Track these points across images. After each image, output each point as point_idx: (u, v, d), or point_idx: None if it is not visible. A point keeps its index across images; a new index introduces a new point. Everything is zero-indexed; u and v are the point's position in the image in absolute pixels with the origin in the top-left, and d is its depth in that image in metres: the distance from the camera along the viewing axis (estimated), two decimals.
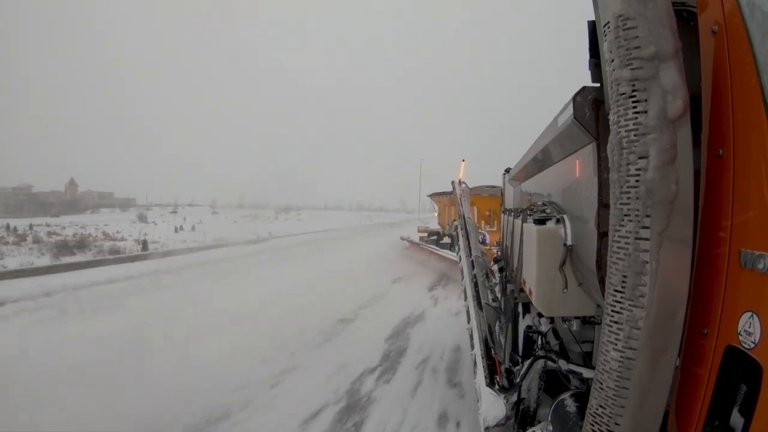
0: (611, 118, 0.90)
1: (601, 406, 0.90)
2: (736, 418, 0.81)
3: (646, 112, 0.82)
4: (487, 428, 1.86)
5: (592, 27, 1.10)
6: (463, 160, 7.49)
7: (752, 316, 0.76)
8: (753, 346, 0.75)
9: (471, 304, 3.13)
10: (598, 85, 1.13)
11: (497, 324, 3.10)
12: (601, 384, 0.90)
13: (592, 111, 1.14)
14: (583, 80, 1.18)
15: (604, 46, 0.91)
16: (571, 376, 1.76)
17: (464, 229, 4.42)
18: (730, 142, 0.86)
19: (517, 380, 1.95)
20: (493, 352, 2.40)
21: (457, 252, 4.65)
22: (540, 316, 2.00)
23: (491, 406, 1.90)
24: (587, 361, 1.78)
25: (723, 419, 0.83)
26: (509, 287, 2.91)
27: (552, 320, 1.97)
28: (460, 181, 6.07)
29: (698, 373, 0.89)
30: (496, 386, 2.04)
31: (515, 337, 2.64)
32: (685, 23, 1.00)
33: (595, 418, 0.92)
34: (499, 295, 3.64)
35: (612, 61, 0.88)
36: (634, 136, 0.83)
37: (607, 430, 0.88)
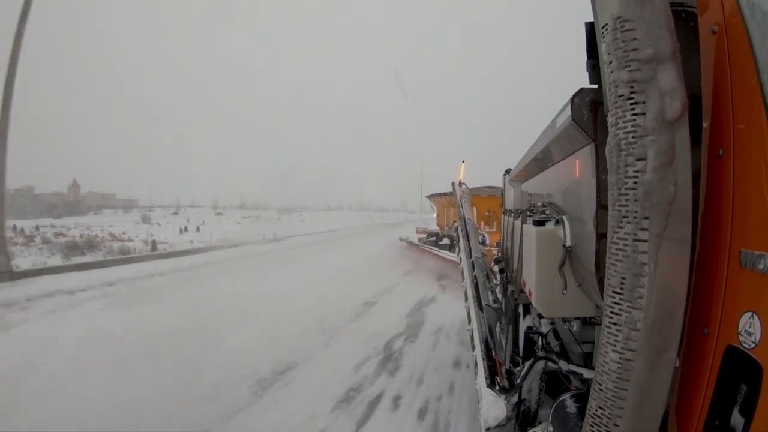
0: (609, 119, 0.90)
1: (600, 407, 0.90)
2: (737, 419, 0.80)
3: (644, 114, 0.82)
4: (488, 429, 1.85)
5: (590, 28, 1.10)
6: (463, 161, 7.48)
7: (752, 316, 0.76)
8: (753, 346, 0.75)
9: (471, 305, 3.13)
10: (596, 86, 1.13)
11: (498, 325, 3.10)
12: (601, 385, 0.90)
13: (590, 112, 1.14)
14: (581, 81, 1.18)
15: (602, 48, 0.91)
16: (571, 377, 1.75)
17: (464, 230, 4.42)
18: (730, 142, 0.86)
19: (518, 381, 1.95)
20: (493, 353, 2.40)
21: (458, 253, 4.66)
22: (540, 317, 2.00)
23: (492, 407, 1.90)
24: (588, 361, 1.78)
25: (723, 419, 0.83)
26: (510, 288, 2.90)
27: (552, 321, 1.97)
28: (460, 182, 6.06)
29: (698, 373, 0.89)
30: (497, 387, 2.04)
31: (516, 338, 2.64)
32: (684, 24, 1.00)
33: (594, 419, 0.92)
34: (499, 296, 3.64)
35: (610, 63, 0.88)
36: (632, 137, 0.83)
37: (607, 431, 0.88)
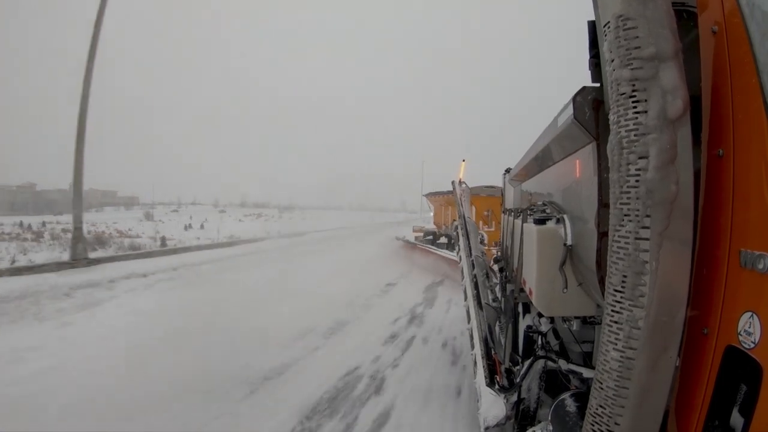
0: (611, 118, 0.90)
1: (601, 406, 0.90)
2: (736, 418, 0.81)
3: (646, 112, 0.82)
4: (487, 428, 1.86)
5: (592, 27, 1.10)
6: (464, 160, 7.48)
7: (752, 316, 0.76)
8: (753, 346, 0.75)
9: (471, 304, 3.13)
10: (598, 85, 1.13)
11: (497, 324, 3.10)
12: (601, 384, 0.90)
13: (592, 111, 1.14)
14: (583, 80, 1.18)
15: (604, 46, 0.91)
16: (571, 376, 1.76)
17: (464, 229, 4.42)
18: (730, 142, 0.86)
19: (517, 380, 1.95)
20: (493, 352, 2.40)
21: (458, 252, 4.66)
22: (540, 316, 2.00)
23: (491, 406, 1.90)
24: (587, 361, 1.78)
25: (723, 419, 0.83)
26: (509, 287, 2.91)
27: (552, 320, 1.97)
28: (460, 181, 6.07)
29: (698, 373, 0.89)
30: (496, 386, 2.04)
31: (515, 337, 2.64)
32: (685, 23, 1.00)
33: (595, 418, 0.92)
34: (499, 295, 3.64)
35: (612, 61, 0.88)
36: (634, 136, 0.83)
37: (607, 430, 0.88)
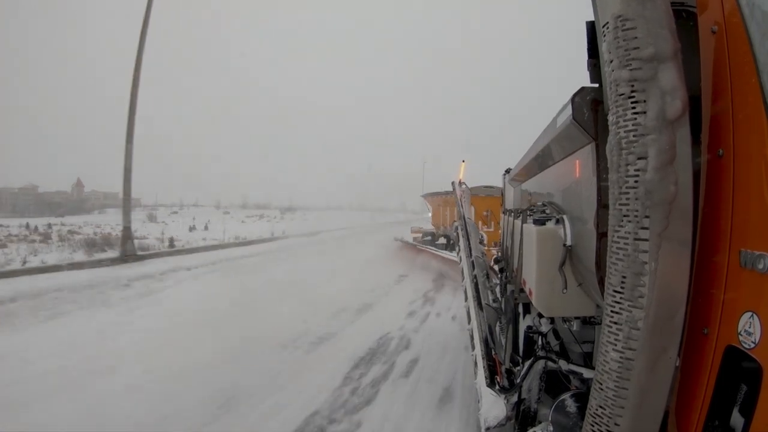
0: (610, 118, 0.90)
1: (600, 407, 0.90)
2: (736, 418, 0.80)
3: (645, 113, 0.82)
4: (488, 428, 1.85)
5: (591, 27, 1.10)
6: (463, 161, 7.50)
7: (752, 316, 0.76)
8: (753, 346, 0.75)
9: (471, 304, 3.13)
10: (597, 85, 1.13)
11: (498, 324, 3.10)
12: (601, 384, 0.90)
13: (590, 111, 1.14)
14: (583, 80, 1.18)
15: (603, 47, 0.91)
16: (571, 377, 1.75)
17: (464, 229, 4.42)
18: (730, 142, 0.86)
19: (518, 381, 1.95)
20: (493, 353, 2.40)
21: (458, 252, 4.66)
22: (540, 316, 2.00)
23: (492, 407, 1.90)
24: (588, 361, 1.78)
25: (723, 419, 0.83)
26: (509, 287, 2.90)
27: (552, 320, 1.97)
28: (460, 182, 6.07)
29: (698, 373, 0.89)
30: (497, 386, 2.04)
31: (516, 337, 2.64)
32: (684, 23, 1.00)
33: (595, 418, 0.92)
34: (499, 295, 3.64)
35: (611, 62, 0.88)
36: (633, 136, 0.83)
37: (607, 431, 0.88)
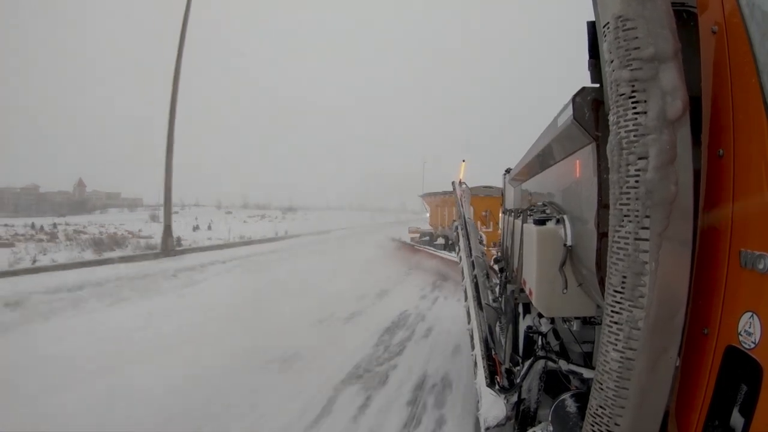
0: (611, 118, 0.90)
1: (601, 407, 0.90)
2: (737, 419, 0.80)
3: (645, 113, 0.82)
4: (488, 428, 1.86)
5: (592, 27, 1.10)
6: (464, 161, 7.50)
7: (752, 316, 0.76)
8: (753, 346, 0.75)
9: (471, 304, 3.13)
10: (598, 85, 1.13)
11: (498, 324, 3.10)
12: (601, 384, 0.90)
13: (591, 111, 1.14)
14: (583, 80, 1.18)
15: (604, 47, 0.91)
16: (571, 377, 1.76)
17: (464, 229, 4.42)
18: (730, 142, 0.86)
19: (518, 380, 1.95)
20: (493, 353, 2.40)
21: (458, 252, 4.66)
22: (540, 316, 2.00)
23: (491, 407, 1.90)
24: (587, 361, 1.78)
25: (723, 419, 0.83)
26: (509, 287, 2.91)
27: (552, 320, 1.97)
28: (460, 182, 6.07)
29: (698, 373, 0.89)
30: (497, 386, 2.04)
31: (515, 337, 2.64)
32: (685, 23, 1.00)
33: (595, 418, 0.92)
34: (499, 295, 3.64)
35: (611, 62, 0.88)
36: (634, 136, 0.83)
37: (607, 431, 0.88)
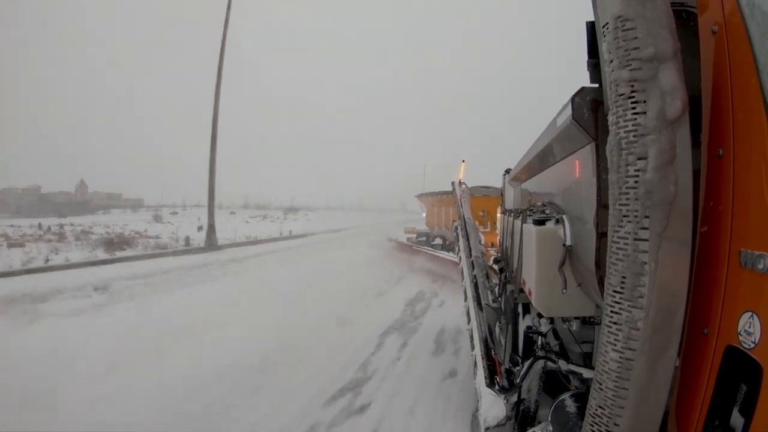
0: (610, 118, 0.90)
1: (600, 407, 0.90)
2: (736, 418, 0.80)
3: (644, 113, 0.82)
4: (488, 428, 1.86)
5: (591, 28, 1.10)
6: (463, 161, 7.50)
7: (752, 316, 0.76)
8: (753, 346, 0.75)
9: (471, 304, 3.13)
10: (597, 85, 1.13)
11: (497, 324, 3.10)
12: (601, 384, 0.90)
13: (590, 112, 1.14)
14: (583, 80, 1.18)
15: (603, 47, 0.91)
16: (571, 377, 1.76)
17: (464, 229, 4.42)
18: (730, 142, 0.86)
19: (517, 381, 1.95)
20: (493, 353, 2.40)
21: (457, 252, 4.66)
22: (540, 316, 2.00)
23: (491, 407, 1.91)
24: (587, 361, 1.78)
25: (723, 419, 0.83)
26: (509, 288, 2.91)
27: (552, 321, 1.97)
28: (460, 182, 6.07)
29: (698, 373, 0.89)
30: (496, 386, 2.04)
31: (515, 337, 2.64)
32: (685, 24, 1.00)
33: (594, 418, 0.92)
34: (498, 295, 3.64)
35: (611, 62, 0.88)
36: (633, 137, 0.83)
37: (607, 431, 0.88)
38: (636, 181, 0.83)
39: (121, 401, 3.40)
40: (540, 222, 1.57)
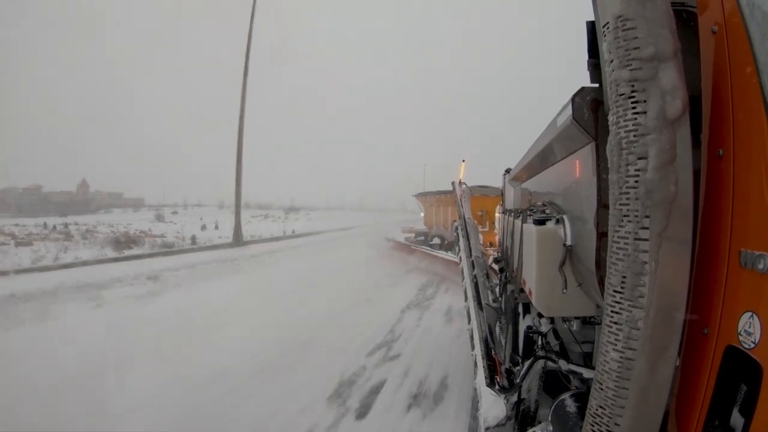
0: (610, 118, 0.90)
1: (600, 407, 0.90)
2: (736, 419, 0.80)
3: (645, 113, 0.82)
4: (488, 428, 1.86)
5: (591, 27, 1.10)
6: (464, 161, 7.51)
7: (752, 316, 0.76)
8: (753, 346, 0.75)
9: (471, 304, 3.13)
10: (597, 85, 1.13)
11: (497, 324, 3.10)
12: (601, 384, 0.90)
13: (590, 112, 1.14)
14: (583, 80, 1.18)
15: (603, 47, 0.91)
16: (571, 377, 1.76)
17: (464, 229, 4.42)
18: (730, 142, 0.86)
19: (518, 380, 1.95)
20: (493, 353, 2.40)
21: (458, 252, 4.66)
22: (540, 316, 2.00)
23: (491, 407, 1.90)
24: (587, 361, 1.78)
25: (723, 419, 0.83)
26: (509, 287, 2.91)
27: (552, 320, 1.97)
28: (460, 182, 6.07)
29: (698, 373, 0.89)
30: (497, 386, 2.04)
31: (515, 337, 2.64)
32: (684, 23, 1.00)
33: (595, 418, 0.92)
34: (499, 295, 3.64)
35: (611, 62, 0.88)
36: (634, 136, 0.83)
37: (607, 431, 0.88)
38: (636, 181, 0.83)
39: (236, 346, 4.94)
40: (540, 222, 1.57)
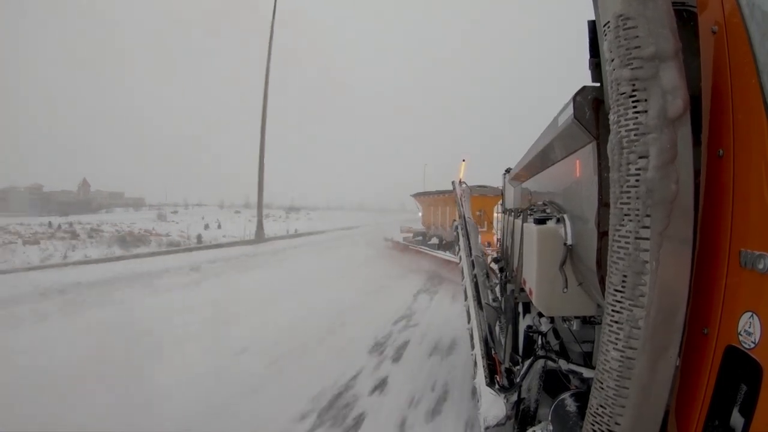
0: (611, 117, 0.90)
1: (601, 406, 0.90)
2: (736, 418, 0.81)
3: (646, 112, 0.82)
4: (488, 428, 1.86)
5: (593, 27, 1.10)
6: (464, 160, 7.52)
7: (752, 316, 0.76)
8: (753, 346, 0.75)
9: (471, 303, 3.13)
10: (598, 84, 1.13)
11: (497, 324, 3.10)
12: (602, 384, 0.90)
13: (592, 111, 1.14)
14: (584, 80, 1.18)
15: (604, 46, 0.91)
16: (571, 376, 1.76)
17: (464, 229, 4.42)
18: (730, 142, 0.86)
19: (518, 380, 1.95)
20: (493, 352, 2.40)
21: (458, 252, 4.66)
22: (540, 315, 2.00)
23: (491, 406, 1.91)
24: (587, 360, 1.78)
25: (723, 419, 0.83)
26: (509, 287, 2.91)
27: (552, 320, 1.97)
28: (460, 181, 6.07)
29: (698, 373, 0.89)
30: (497, 386, 2.04)
31: (515, 336, 2.64)
32: (685, 23, 1.00)
33: (595, 417, 0.92)
34: (499, 294, 3.64)
35: (612, 61, 0.88)
36: (634, 135, 0.83)
37: (608, 430, 0.89)
38: (637, 180, 0.83)
39: (300, 309, 6.43)
40: (541, 221, 1.57)
